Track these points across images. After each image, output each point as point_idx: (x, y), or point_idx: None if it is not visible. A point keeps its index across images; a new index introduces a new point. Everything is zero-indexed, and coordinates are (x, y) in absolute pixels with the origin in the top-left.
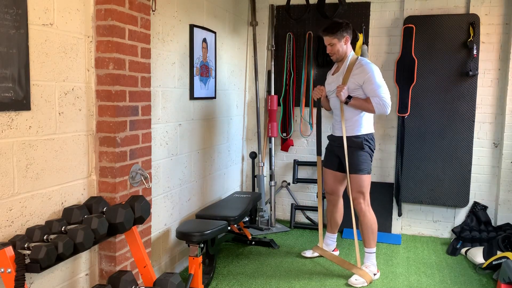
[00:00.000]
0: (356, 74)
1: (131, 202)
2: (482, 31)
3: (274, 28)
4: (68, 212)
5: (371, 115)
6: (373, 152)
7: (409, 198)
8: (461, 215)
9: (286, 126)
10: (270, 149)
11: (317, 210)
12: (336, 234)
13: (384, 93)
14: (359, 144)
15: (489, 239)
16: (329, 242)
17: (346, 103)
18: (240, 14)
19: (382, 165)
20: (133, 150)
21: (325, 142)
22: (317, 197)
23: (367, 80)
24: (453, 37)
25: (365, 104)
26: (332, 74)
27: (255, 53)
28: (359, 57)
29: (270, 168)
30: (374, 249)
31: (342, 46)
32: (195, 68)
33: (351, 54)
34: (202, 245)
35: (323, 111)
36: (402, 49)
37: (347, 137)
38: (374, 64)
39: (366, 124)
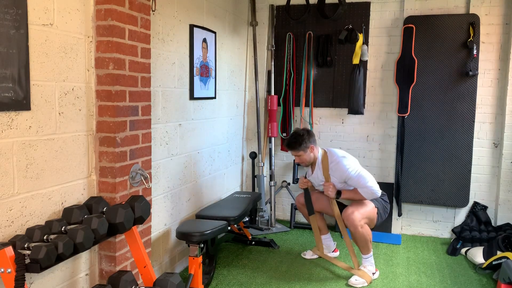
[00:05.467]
0: (334, 173)
1: (131, 202)
2: (482, 31)
3: (274, 28)
4: (68, 212)
5: None
6: (386, 203)
7: (409, 198)
8: (461, 215)
9: (286, 126)
10: (270, 149)
11: None
12: (329, 233)
13: (368, 182)
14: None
15: (489, 239)
16: (327, 244)
17: (337, 198)
18: (240, 14)
19: (382, 165)
20: (133, 150)
21: None
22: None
23: (347, 177)
24: (453, 37)
25: (356, 195)
26: (312, 173)
27: (255, 53)
28: (327, 151)
29: (270, 168)
30: (371, 254)
31: (309, 155)
32: (195, 68)
33: (319, 154)
34: (202, 245)
35: None
36: (402, 49)
37: None
38: (344, 156)
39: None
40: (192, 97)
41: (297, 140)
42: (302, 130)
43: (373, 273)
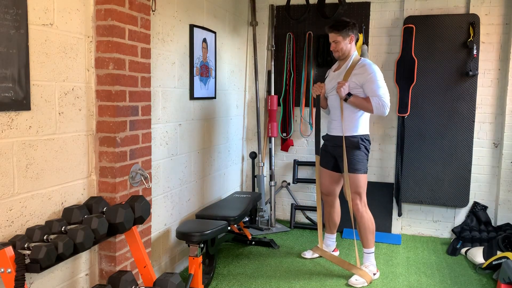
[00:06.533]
0: (358, 74)
1: (131, 202)
2: (482, 31)
3: (274, 28)
4: (68, 212)
5: (368, 115)
6: (368, 152)
7: (409, 198)
8: (461, 215)
9: (286, 126)
10: (270, 149)
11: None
12: (335, 234)
13: (384, 94)
14: (355, 144)
15: (489, 239)
16: (329, 243)
17: (345, 100)
18: (240, 14)
19: (382, 165)
20: (133, 150)
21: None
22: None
23: (368, 80)
24: (453, 37)
25: (364, 103)
26: (333, 71)
27: (255, 53)
28: (362, 58)
29: (270, 168)
30: (372, 249)
31: (346, 44)
32: (195, 68)
33: (354, 54)
34: (202, 245)
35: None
36: (402, 49)
37: (344, 137)
38: (376, 65)
39: (362, 125)
40: (192, 97)
41: (341, 23)
42: (349, 19)
43: (374, 274)
